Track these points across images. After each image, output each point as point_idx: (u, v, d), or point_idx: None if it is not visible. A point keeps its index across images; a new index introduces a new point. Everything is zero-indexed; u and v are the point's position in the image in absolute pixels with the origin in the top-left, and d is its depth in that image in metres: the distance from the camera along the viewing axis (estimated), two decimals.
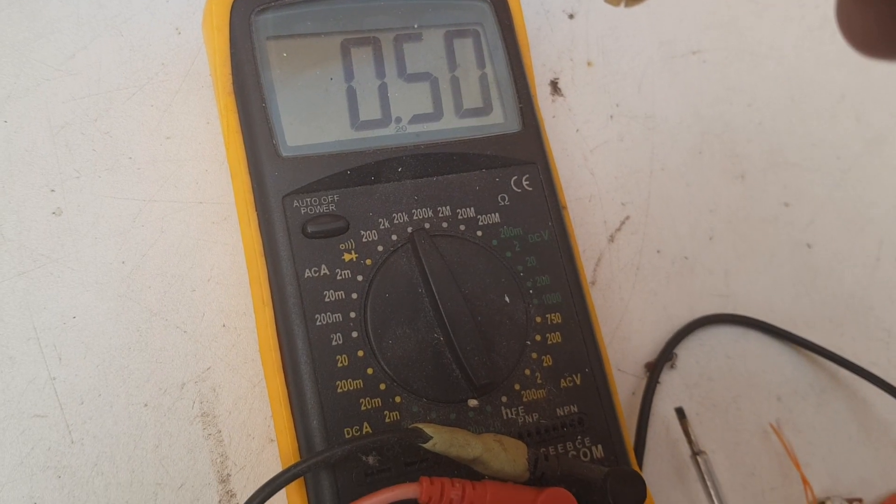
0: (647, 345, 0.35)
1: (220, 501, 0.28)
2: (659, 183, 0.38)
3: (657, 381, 0.34)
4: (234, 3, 0.29)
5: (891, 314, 0.39)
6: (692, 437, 0.33)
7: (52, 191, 0.31)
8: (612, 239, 0.37)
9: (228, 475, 0.29)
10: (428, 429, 0.25)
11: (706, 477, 0.32)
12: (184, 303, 0.31)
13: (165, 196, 0.32)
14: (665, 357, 0.35)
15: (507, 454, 0.25)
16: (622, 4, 0.21)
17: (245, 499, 0.23)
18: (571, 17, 0.40)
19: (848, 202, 0.41)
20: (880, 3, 0.16)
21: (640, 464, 0.32)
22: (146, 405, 0.29)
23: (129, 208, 0.31)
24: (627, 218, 0.37)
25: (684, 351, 0.36)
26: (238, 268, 0.32)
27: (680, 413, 0.33)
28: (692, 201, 0.38)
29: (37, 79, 0.33)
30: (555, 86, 0.39)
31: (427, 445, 0.24)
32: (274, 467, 0.29)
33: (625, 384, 0.34)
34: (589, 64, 0.39)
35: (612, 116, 0.39)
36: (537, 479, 0.25)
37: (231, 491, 0.29)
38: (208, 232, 0.32)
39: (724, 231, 0.38)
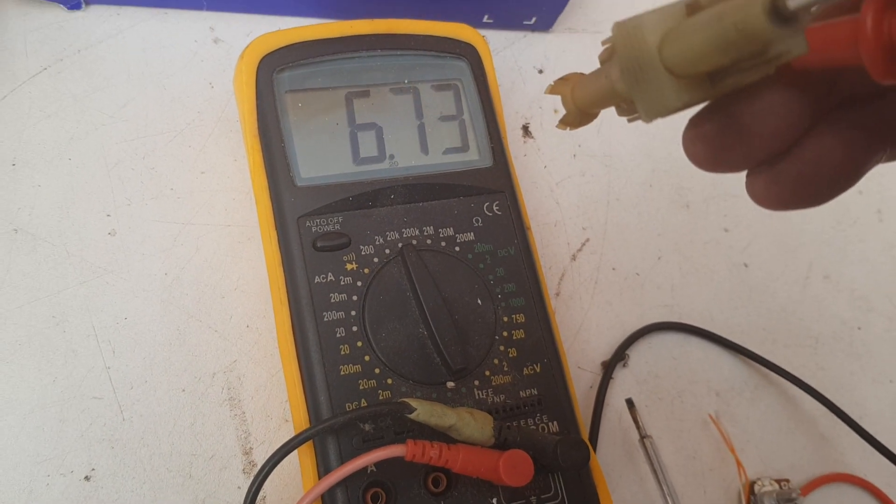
0: (604, 347, 0.40)
1: (243, 470, 0.33)
2: (614, 211, 0.44)
3: (611, 377, 0.39)
4: (259, 64, 0.34)
5: (818, 325, 0.45)
6: (640, 424, 0.38)
7: (108, 215, 0.36)
8: (574, 258, 0.42)
9: (251, 448, 0.33)
10: (413, 402, 0.29)
11: (652, 457, 0.37)
12: (215, 307, 0.35)
13: (200, 220, 0.37)
14: (618, 357, 0.40)
15: (476, 423, 0.30)
16: (568, 128, 0.26)
17: None
18: (541, 72, 0.47)
19: (781, 228, 0.47)
20: (712, 136, 0.21)
21: (594, 446, 0.37)
22: (184, 390, 0.33)
23: (171, 230, 0.36)
24: (587, 240, 0.43)
25: (635, 352, 0.41)
26: (259, 279, 0.36)
27: (630, 403, 0.38)
28: (643, 227, 0.44)
29: (95, 124, 0.37)
30: (526, 129, 0.45)
31: (412, 416, 0.29)
32: None
33: (584, 379, 0.39)
34: (555, 111, 0.45)
35: (574, 155, 0.45)
36: (501, 444, 0.30)
37: (253, 461, 0.33)
38: (235, 250, 0.37)
39: (670, 252, 0.44)
